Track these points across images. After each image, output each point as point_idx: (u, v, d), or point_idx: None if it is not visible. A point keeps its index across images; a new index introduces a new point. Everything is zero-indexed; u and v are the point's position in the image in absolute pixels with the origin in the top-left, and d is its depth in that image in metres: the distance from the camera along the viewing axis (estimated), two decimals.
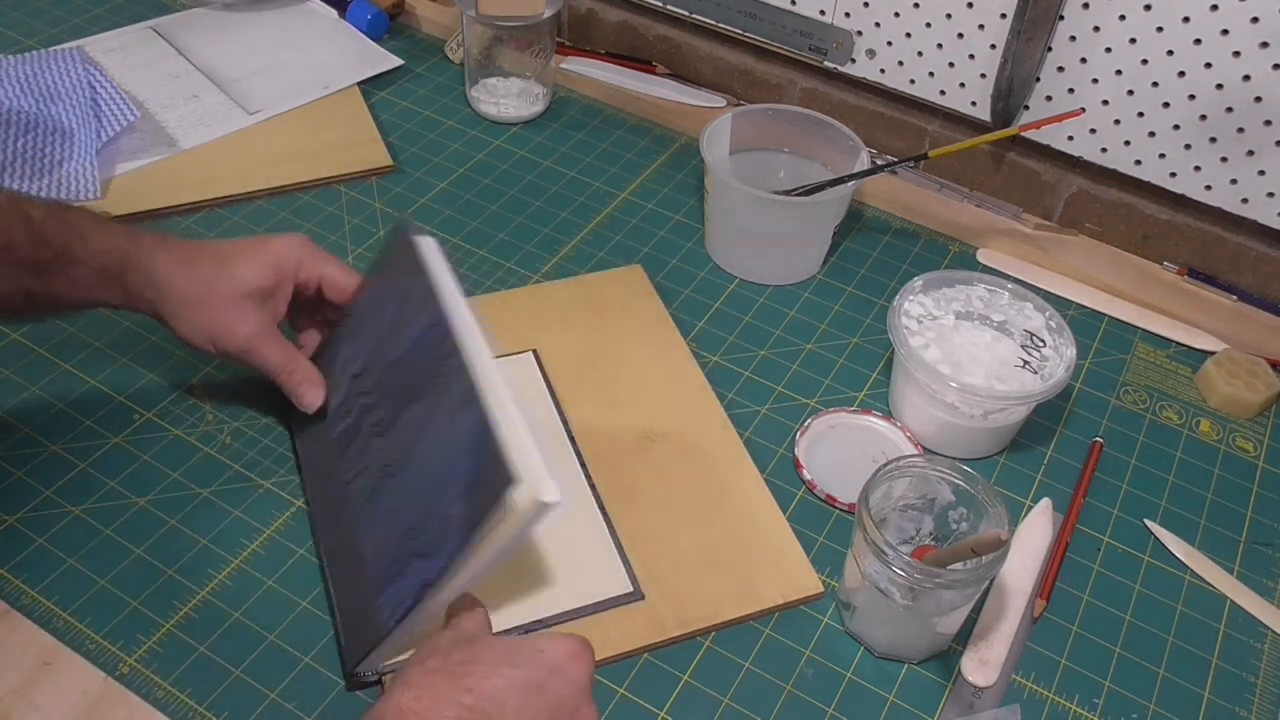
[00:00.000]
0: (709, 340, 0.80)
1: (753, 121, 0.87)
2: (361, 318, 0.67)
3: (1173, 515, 0.72)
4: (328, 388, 0.67)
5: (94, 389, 0.72)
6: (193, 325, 0.65)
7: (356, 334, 0.67)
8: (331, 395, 0.67)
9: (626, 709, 0.59)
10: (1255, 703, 0.62)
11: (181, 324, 0.65)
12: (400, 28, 1.09)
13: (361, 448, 0.63)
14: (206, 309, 0.65)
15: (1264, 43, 0.74)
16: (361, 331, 0.67)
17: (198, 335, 0.65)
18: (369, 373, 0.65)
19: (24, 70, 0.91)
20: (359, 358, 0.66)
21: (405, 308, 0.62)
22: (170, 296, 0.65)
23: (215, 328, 0.65)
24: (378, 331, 0.65)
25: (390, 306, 0.64)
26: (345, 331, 0.69)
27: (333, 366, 0.68)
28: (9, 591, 0.61)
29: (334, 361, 0.68)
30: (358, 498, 0.62)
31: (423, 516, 0.56)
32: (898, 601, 0.58)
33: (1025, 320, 0.74)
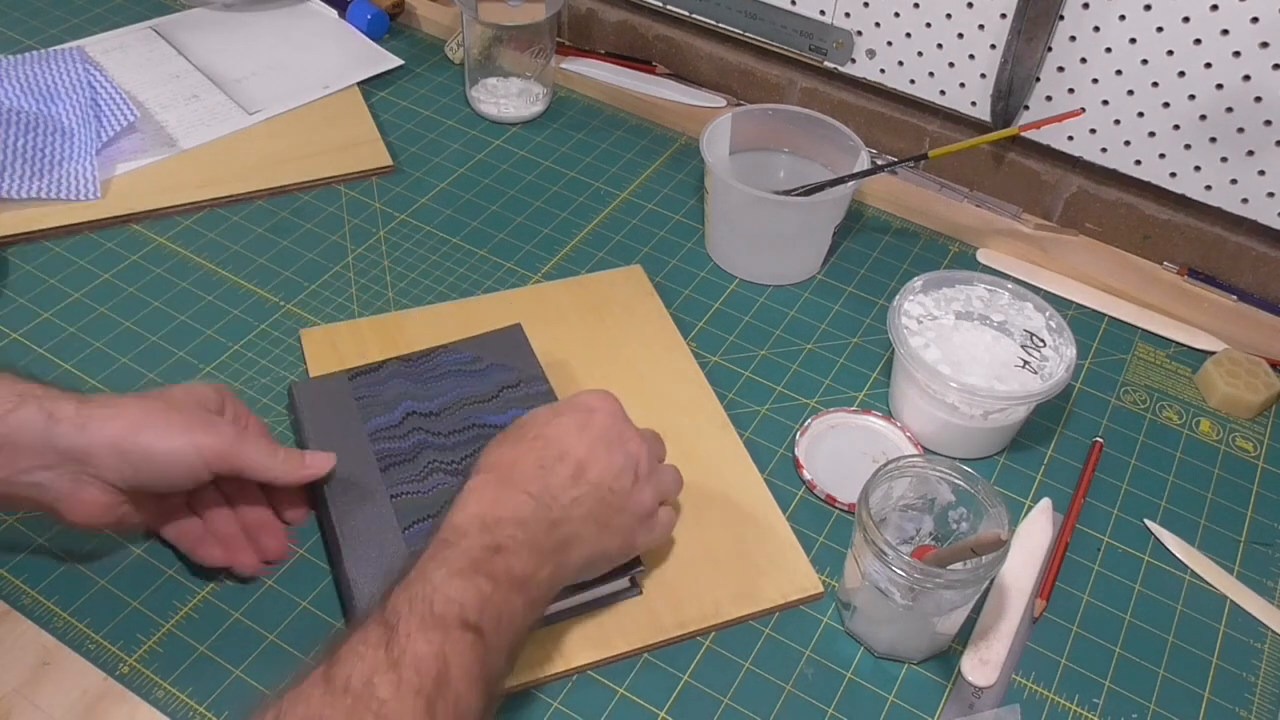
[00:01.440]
0: (709, 340, 0.80)
1: (753, 121, 0.87)
2: (441, 372, 0.71)
3: (1173, 515, 0.72)
4: (372, 404, 0.68)
5: (94, 389, 0.72)
6: (170, 431, 0.56)
7: (427, 379, 0.71)
8: (376, 413, 0.68)
9: (626, 709, 0.59)
10: (1255, 703, 0.62)
11: (154, 436, 0.56)
12: (400, 28, 1.09)
13: (418, 475, 0.65)
14: (176, 414, 0.57)
15: (1264, 43, 0.74)
16: (437, 381, 0.70)
17: (178, 445, 0.56)
18: (443, 416, 0.68)
19: (24, 70, 0.91)
20: (431, 398, 0.69)
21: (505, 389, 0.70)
22: (131, 407, 0.56)
23: (199, 432, 0.57)
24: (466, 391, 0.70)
25: (491, 378, 0.71)
26: (408, 371, 0.71)
27: (382, 391, 0.70)
28: (9, 591, 0.61)
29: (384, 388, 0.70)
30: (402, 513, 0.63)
31: None
32: (898, 601, 0.58)
33: (1025, 320, 0.74)
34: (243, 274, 0.82)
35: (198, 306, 0.79)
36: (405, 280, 0.82)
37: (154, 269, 0.81)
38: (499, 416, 0.68)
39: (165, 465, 0.56)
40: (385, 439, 0.66)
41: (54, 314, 0.77)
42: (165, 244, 0.83)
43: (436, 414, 0.68)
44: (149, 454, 0.56)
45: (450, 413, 0.68)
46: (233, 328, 0.77)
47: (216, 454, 0.57)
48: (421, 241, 0.86)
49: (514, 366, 0.71)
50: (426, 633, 0.47)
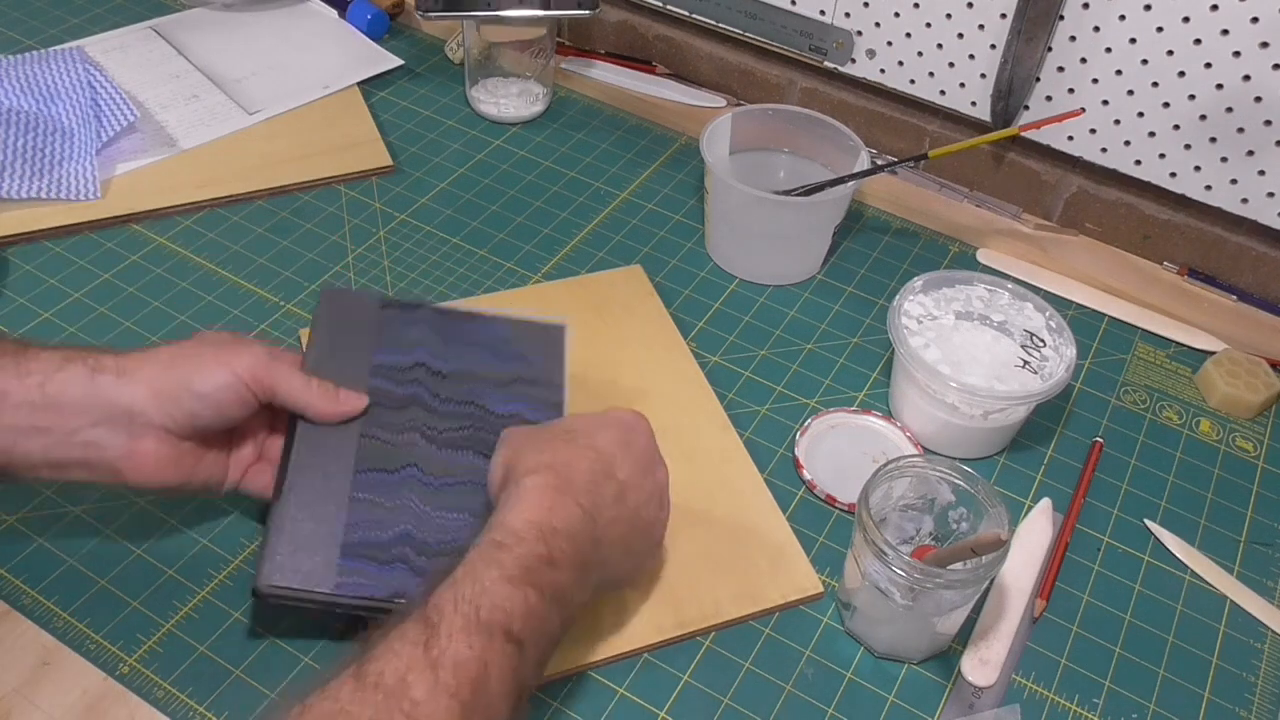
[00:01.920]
0: (709, 340, 0.80)
1: (753, 121, 0.87)
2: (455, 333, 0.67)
3: (1173, 515, 0.72)
4: None
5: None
6: (203, 358, 0.57)
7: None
8: None
9: (626, 709, 0.59)
10: (1255, 703, 0.62)
11: (190, 365, 0.56)
12: (400, 28, 1.09)
13: (397, 426, 0.62)
14: (207, 347, 0.57)
15: (1264, 43, 0.74)
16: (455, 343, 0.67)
17: (212, 368, 0.56)
18: (449, 380, 0.64)
19: (24, 70, 0.91)
20: (448, 358, 0.65)
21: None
22: (163, 351, 0.57)
23: (228, 359, 0.57)
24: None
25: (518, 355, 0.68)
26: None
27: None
28: (9, 591, 0.61)
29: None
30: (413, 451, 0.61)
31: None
32: (898, 601, 0.58)
33: (1025, 320, 0.74)
34: (243, 274, 0.82)
35: (198, 306, 0.79)
36: (405, 280, 0.82)
37: (154, 269, 0.81)
38: (501, 405, 0.64)
39: (207, 395, 0.56)
40: (385, 377, 0.63)
41: (54, 314, 0.77)
42: (165, 244, 0.83)
43: (445, 376, 0.64)
44: (189, 387, 0.56)
45: (457, 381, 0.64)
46: (233, 328, 0.77)
47: (253, 375, 0.57)
48: (421, 241, 0.86)
49: (539, 364, 0.67)
50: (470, 636, 0.46)
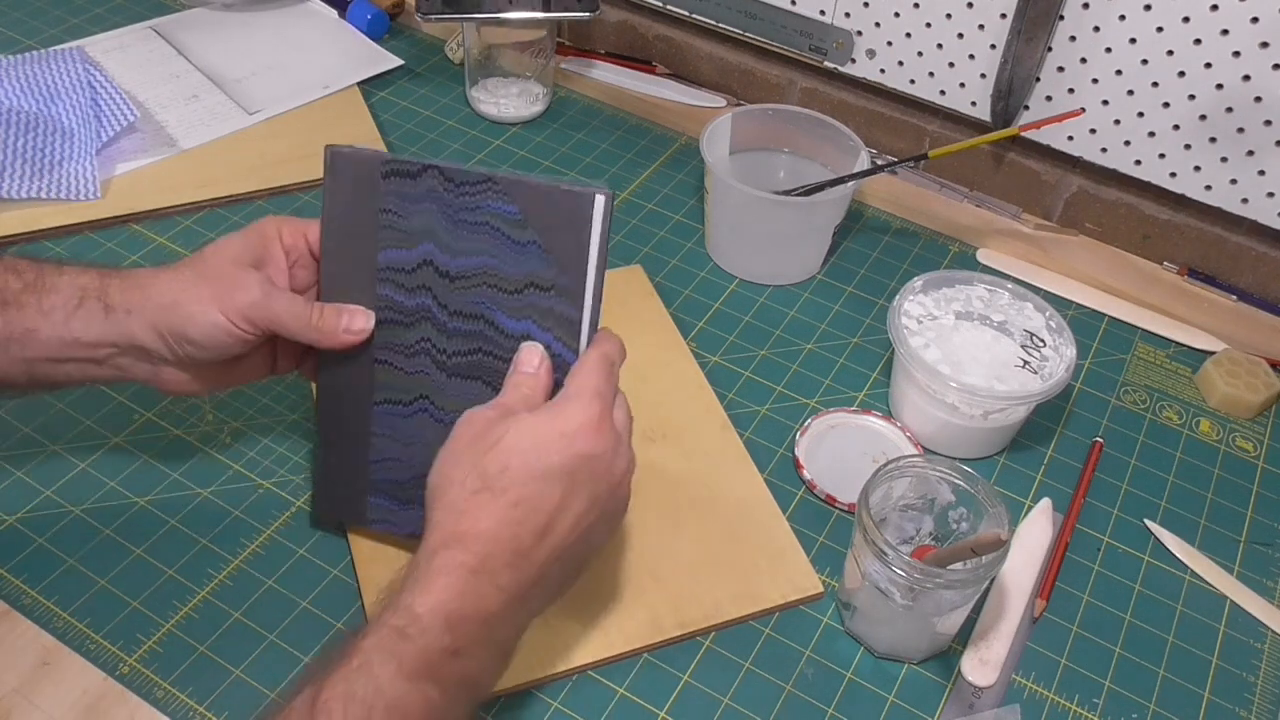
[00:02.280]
0: (709, 340, 0.80)
1: (753, 121, 0.87)
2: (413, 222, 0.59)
3: (1173, 515, 0.72)
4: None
5: (94, 389, 0.72)
6: (197, 303, 0.56)
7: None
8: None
9: (626, 709, 0.59)
10: (1255, 703, 0.62)
11: (182, 313, 0.56)
12: (400, 28, 1.09)
13: (408, 348, 0.59)
14: (204, 282, 0.56)
15: (1264, 43, 0.74)
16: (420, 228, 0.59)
17: (203, 314, 0.55)
18: (457, 285, 0.58)
19: (24, 70, 0.91)
20: (456, 254, 0.58)
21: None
22: (161, 285, 0.57)
23: (221, 297, 0.56)
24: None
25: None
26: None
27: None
28: (9, 591, 0.61)
29: None
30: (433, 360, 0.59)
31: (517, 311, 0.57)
32: (898, 601, 0.58)
33: (1025, 320, 0.74)
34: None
35: None
36: None
37: None
38: (512, 321, 0.56)
39: (202, 339, 0.56)
40: (393, 283, 0.59)
41: None
42: (165, 244, 0.83)
43: (452, 278, 0.58)
44: (183, 333, 0.56)
45: (466, 285, 0.57)
46: None
47: (245, 317, 0.56)
48: None
49: (557, 257, 0.56)
50: None
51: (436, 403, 0.59)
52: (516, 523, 0.49)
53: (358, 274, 0.59)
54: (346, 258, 0.60)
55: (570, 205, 0.55)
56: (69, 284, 0.57)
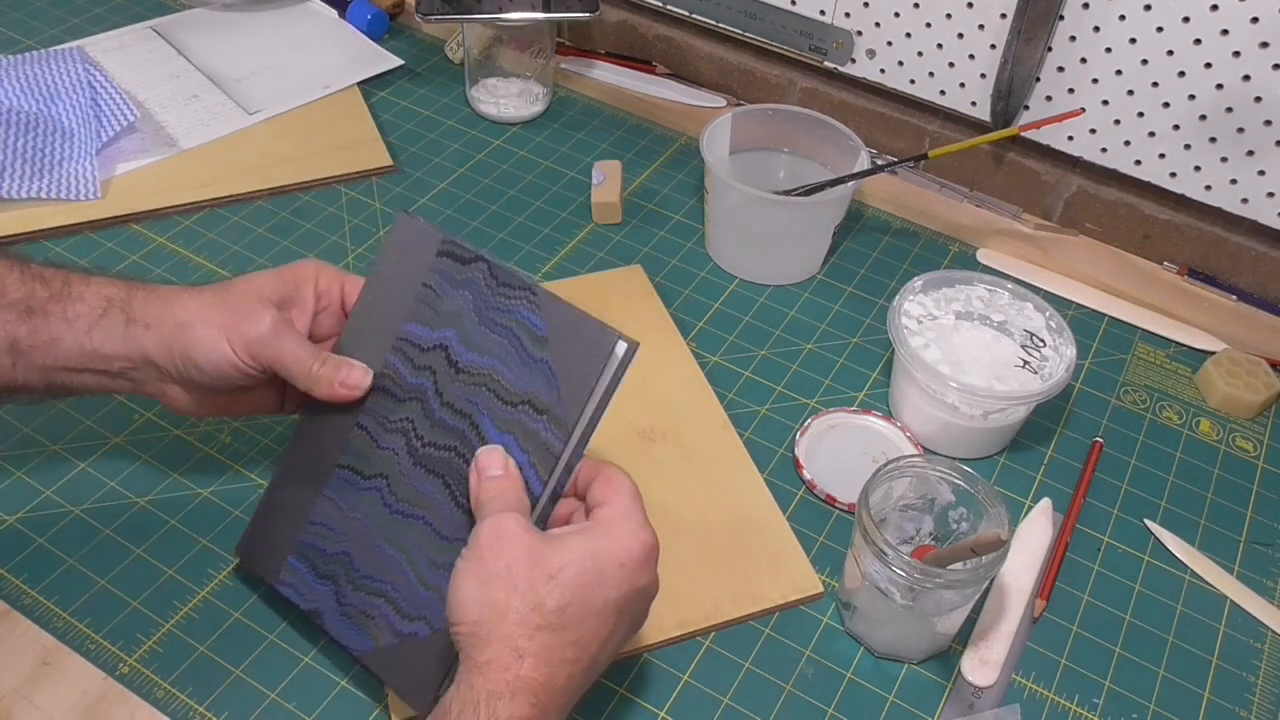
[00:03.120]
0: (709, 340, 0.80)
1: (753, 121, 0.87)
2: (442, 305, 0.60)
3: (1173, 515, 0.72)
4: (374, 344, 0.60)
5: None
6: (208, 327, 0.56)
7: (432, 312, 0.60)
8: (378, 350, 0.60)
9: (626, 709, 0.59)
10: (1255, 702, 0.62)
11: (192, 335, 0.56)
12: (400, 28, 1.09)
13: (389, 424, 0.59)
14: (221, 309, 0.57)
15: (1264, 43, 0.74)
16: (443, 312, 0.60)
17: (209, 339, 0.56)
18: (460, 379, 0.58)
19: (24, 70, 0.91)
20: (472, 348, 0.58)
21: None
22: (180, 303, 0.57)
23: (231, 326, 0.56)
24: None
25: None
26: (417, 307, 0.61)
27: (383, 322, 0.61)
28: (9, 591, 0.61)
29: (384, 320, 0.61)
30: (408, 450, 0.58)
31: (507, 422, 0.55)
32: (898, 601, 0.58)
33: (1025, 320, 0.74)
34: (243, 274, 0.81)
35: None
36: None
37: (154, 269, 0.81)
38: (496, 432, 0.55)
39: (205, 365, 0.56)
40: (404, 355, 0.59)
41: None
42: (165, 244, 0.83)
43: (459, 370, 0.57)
44: (189, 356, 0.56)
45: (468, 380, 0.57)
46: None
47: (249, 352, 0.56)
48: None
49: (562, 385, 0.55)
50: None
51: (392, 487, 0.58)
52: (573, 662, 0.48)
53: (378, 335, 0.60)
54: (375, 316, 0.60)
55: (593, 338, 0.55)
56: (95, 294, 0.57)
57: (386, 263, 0.60)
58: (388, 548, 0.57)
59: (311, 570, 0.59)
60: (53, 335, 0.56)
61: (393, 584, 0.56)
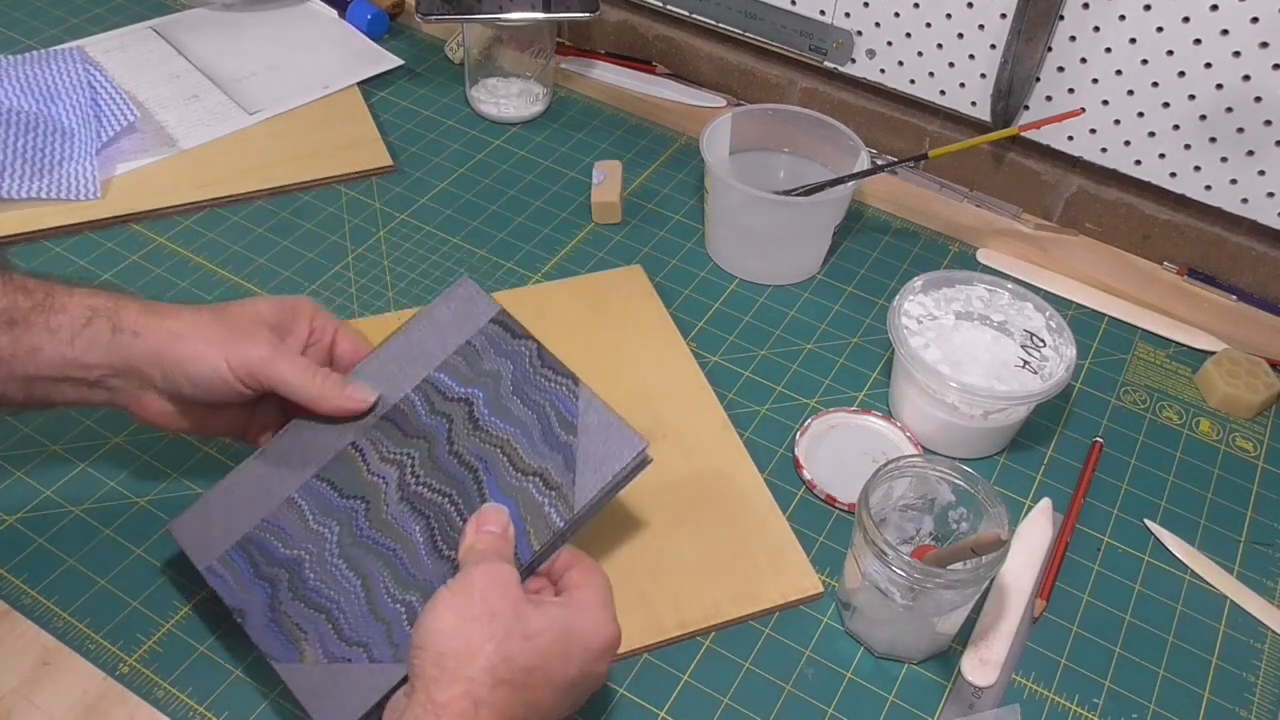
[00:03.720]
0: (709, 340, 0.80)
1: (753, 121, 0.87)
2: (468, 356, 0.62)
3: (1173, 515, 0.72)
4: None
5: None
6: (205, 343, 0.56)
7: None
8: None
9: (626, 709, 0.59)
10: (1255, 702, 0.62)
11: (188, 347, 0.56)
12: (400, 28, 1.09)
13: (384, 455, 0.60)
14: (220, 326, 0.57)
15: (1264, 43, 0.74)
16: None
17: (207, 354, 0.56)
18: (482, 436, 0.59)
19: (24, 70, 0.91)
20: (475, 432, 0.60)
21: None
22: (177, 317, 0.57)
23: (229, 345, 0.56)
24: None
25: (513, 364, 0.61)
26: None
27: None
28: (9, 591, 0.61)
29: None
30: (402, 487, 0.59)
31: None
32: (898, 601, 0.58)
33: (1025, 320, 0.74)
34: (243, 274, 0.82)
35: None
36: (405, 280, 0.82)
37: (154, 269, 0.81)
38: (499, 495, 0.57)
39: (198, 378, 0.57)
40: (425, 397, 0.60)
41: None
42: (165, 244, 0.83)
43: (477, 428, 0.59)
44: (182, 367, 0.57)
45: (484, 439, 0.59)
46: None
47: (247, 370, 0.57)
48: (421, 241, 0.86)
49: (578, 473, 0.57)
50: None
51: (369, 513, 0.58)
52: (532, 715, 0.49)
53: (405, 370, 0.61)
54: (408, 353, 0.62)
55: (622, 439, 0.58)
56: (79, 303, 0.57)
57: (438, 311, 0.63)
58: (345, 568, 0.57)
59: (251, 568, 0.58)
60: (34, 345, 0.56)
61: (339, 605, 0.56)
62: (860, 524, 0.58)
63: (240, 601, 0.57)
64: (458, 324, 0.63)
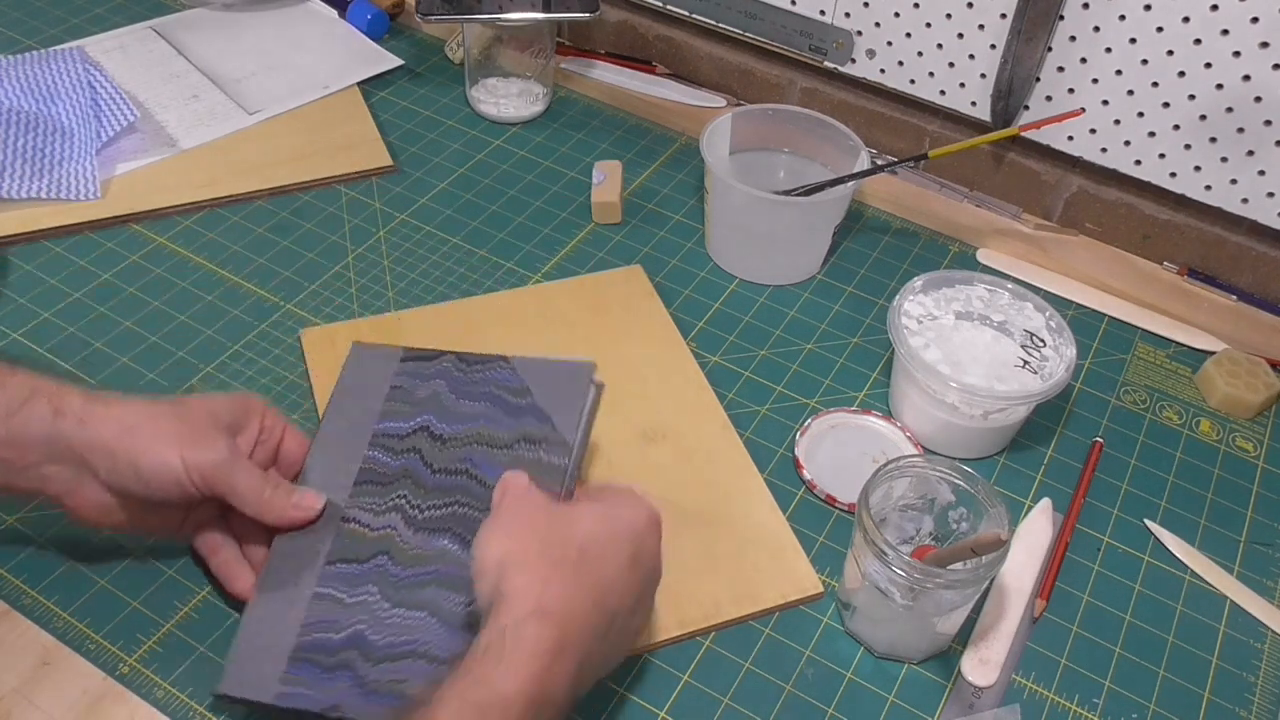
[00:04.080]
0: (709, 340, 0.80)
1: (753, 121, 0.87)
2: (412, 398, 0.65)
3: (1173, 515, 0.72)
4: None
5: (94, 389, 0.72)
6: (160, 439, 0.55)
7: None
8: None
9: (626, 709, 0.59)
10: (1255, 702, 0.62)
11: (142, 441, 0.55)
12: (400, 28, 1.09)
13: (380, 506, 0.61)
14: (177, 422, 0.56)
15: (1264, 43, 0.74)
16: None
17: (161, 451, 0.55)
18: (448, 446, 0.62)
19: (24, 70, 0.91)
20: (452, 420, 0.63)
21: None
22: (129, 409, 0.56)
23: (186, 444, 0.55)
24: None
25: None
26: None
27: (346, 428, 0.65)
28: (9, 591, 0.61)
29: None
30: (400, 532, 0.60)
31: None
32: (898, 601, 0.58)
33: (1025, 320, 0.74)
34: (243, 274, 0.82)
35: (198, 306, 0.79)
36: (405, 280, 0.82)
37: (154, 269, 0.81)
38: (495, 473, 0.57)
39: (149, 475, 0.55)
40: (383, 448, 0.63)
41: (54, 314, 0.77)
42: (165, 244, 0.83)
43: (445, 441, 0.62)
44: (134, 461, 0.55)
45: (456, 444, 0.62)
46: (233, 328, 0.77)
47: (201, 474, 0.55)
48: (421, 241, 0.86)
49: (549, 417, 0.61)
50: None
51: (395, 560, 0.59)
52: (595, 604, 0.49)
53: (350, 443, 0.64)
54: (343, 431, 0.64)
55: (570, 373, 0.62)
56: (18, 383, 0.55)
57: (346, 383, 0.66)
58: (405, 611, 0.56)
59: (318, 669, 0.56)
60: None
61: (420, 640, 0.55)
62: (860, 524, 0.58)
63: (329, 700, 0.54)
64: (373, 381, 0.66)
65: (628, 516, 0.53)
